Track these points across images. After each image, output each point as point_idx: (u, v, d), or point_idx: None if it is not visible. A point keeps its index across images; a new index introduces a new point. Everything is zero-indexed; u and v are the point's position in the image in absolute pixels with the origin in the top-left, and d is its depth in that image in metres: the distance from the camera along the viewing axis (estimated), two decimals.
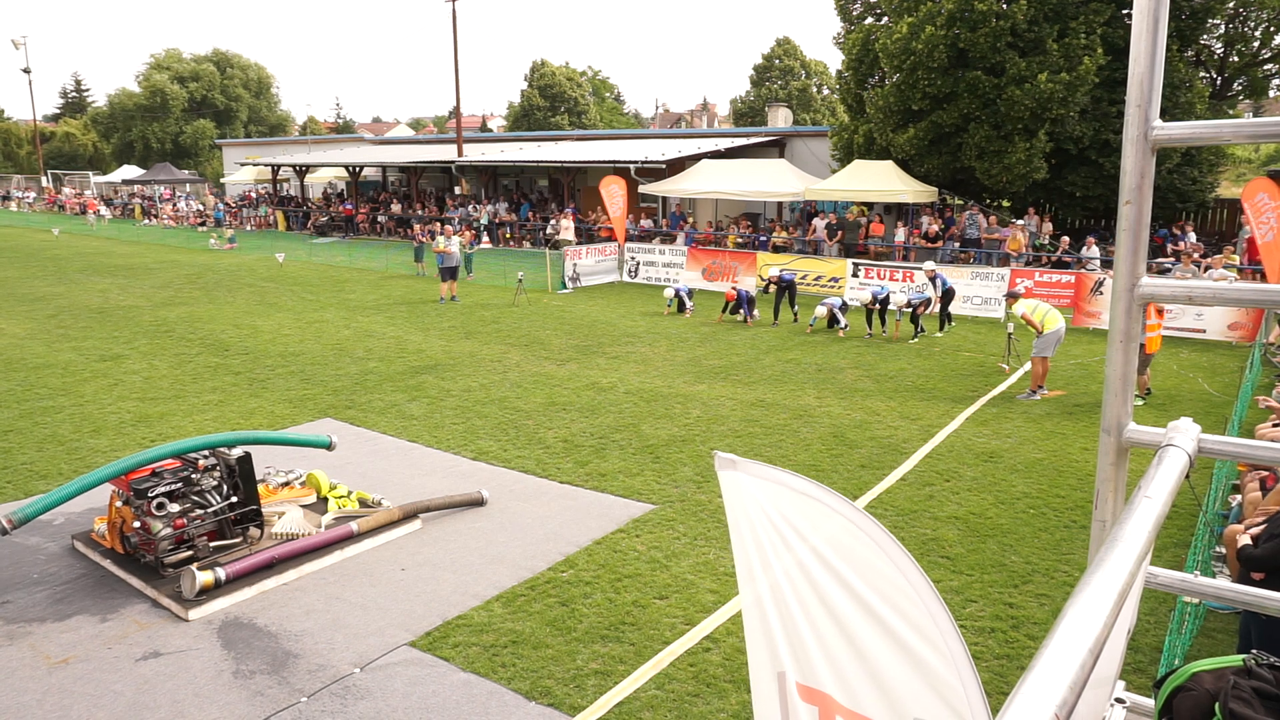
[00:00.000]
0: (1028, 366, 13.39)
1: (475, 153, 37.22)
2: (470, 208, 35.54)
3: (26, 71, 66.32)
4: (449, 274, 20.13)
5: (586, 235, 29.46)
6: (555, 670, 5.59)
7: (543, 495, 8.57)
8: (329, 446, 8.35)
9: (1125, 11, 22.49)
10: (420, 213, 36.45)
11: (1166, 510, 1.44)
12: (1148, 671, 5.37)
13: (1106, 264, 19.81)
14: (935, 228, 23.55)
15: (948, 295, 16.73)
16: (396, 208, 38.08)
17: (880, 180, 23.69)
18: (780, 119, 41.01)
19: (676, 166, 28.63)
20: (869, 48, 25.14)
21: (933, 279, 16.82)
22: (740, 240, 26.41)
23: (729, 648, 5.83)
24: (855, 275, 20.20)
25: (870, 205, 25.94)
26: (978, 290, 18.48)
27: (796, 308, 17.86)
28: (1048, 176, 23.06)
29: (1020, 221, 22.91)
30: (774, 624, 2.57)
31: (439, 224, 29.00)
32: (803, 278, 20.70)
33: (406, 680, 5.51)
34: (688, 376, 13.24)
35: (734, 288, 18.41)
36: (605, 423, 10.90)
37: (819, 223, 25.41)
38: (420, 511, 7.90)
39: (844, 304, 17.07)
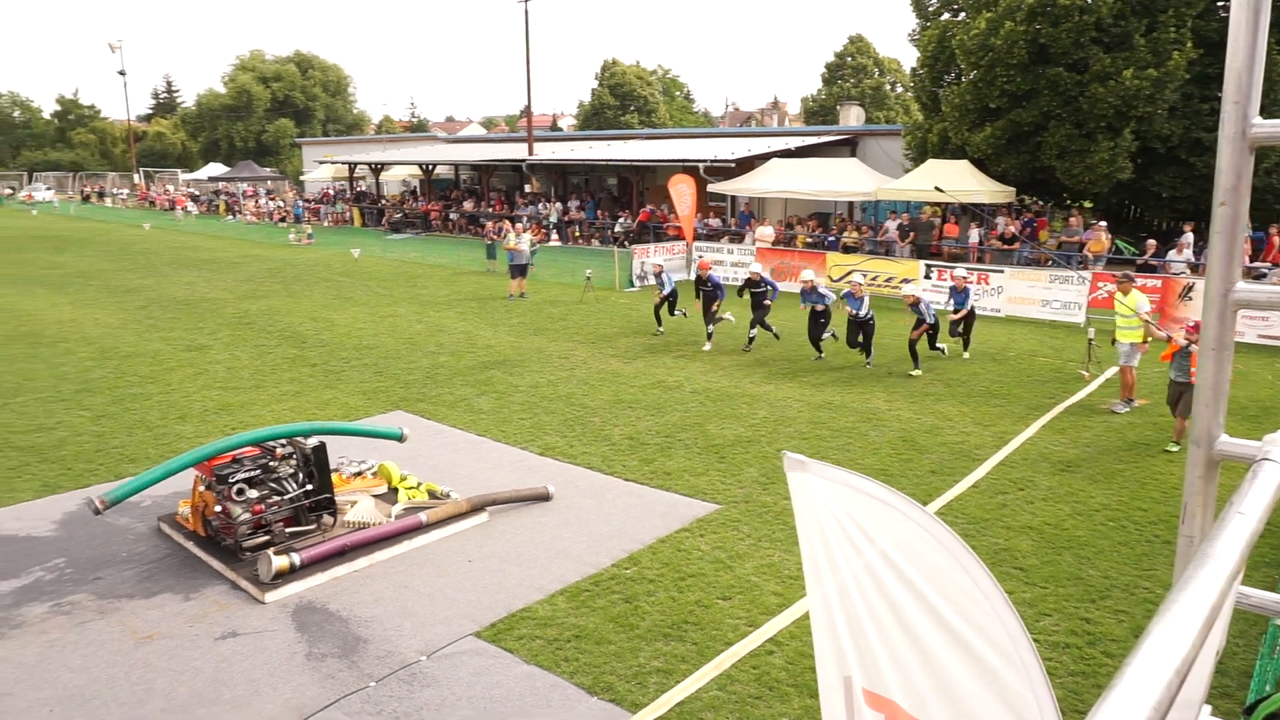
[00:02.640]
0: (1110, 373, 12.94)
1: (546, 151, 37.59)
2: (540, 205, 35.92)
3: (121, 74, 69.54)
4: (518, 271, 20.37)
5: (654, 234, 29.49)
6: (617, 666, 5.62)
7: (608, 492, 8.62)
8: (400, 438, 8.54)
9: (1220, 3, 21.50)
10: (491, 210, 36.99)
11: (1260, 528, 1.38)
12: (1236, 697, 5.14)
13: (1195, 268, 19.00)
14: (1012, 229, 22.91)
15: (969, 316, 14.31)
16: (468, 205, 38.72)
17: (955, 180, 23.16)
18: (852, 117, 40.38)
19: (746, 165, 28.44)
20: (945, 44, 24.57)
21: (961, 293, 14.17)
22: (809, 240, 26.12)
23: (792, 651, 5.78)
24: (928, 277, 19.79)
25: (944, 206, 25.39)
26: (1056, 294, 17.91)
27: (775, 330, 15.30)
28: (1133, 177, 22.20)
29: (1103, 224, 22.11)
30: (841, 627, 2.54)
31: (508, 221, 29.38)
32: (873, 279, 20.37)
33: (471, 670, 5.60)
34: (755, 377, 13.15)
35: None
36: (671, 421, 10.91)
37: (891, 224, 24.95)
38: (488, 504, 8.03)
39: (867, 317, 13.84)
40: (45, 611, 6.33)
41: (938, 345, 14.09)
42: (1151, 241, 21.13)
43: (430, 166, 41.49)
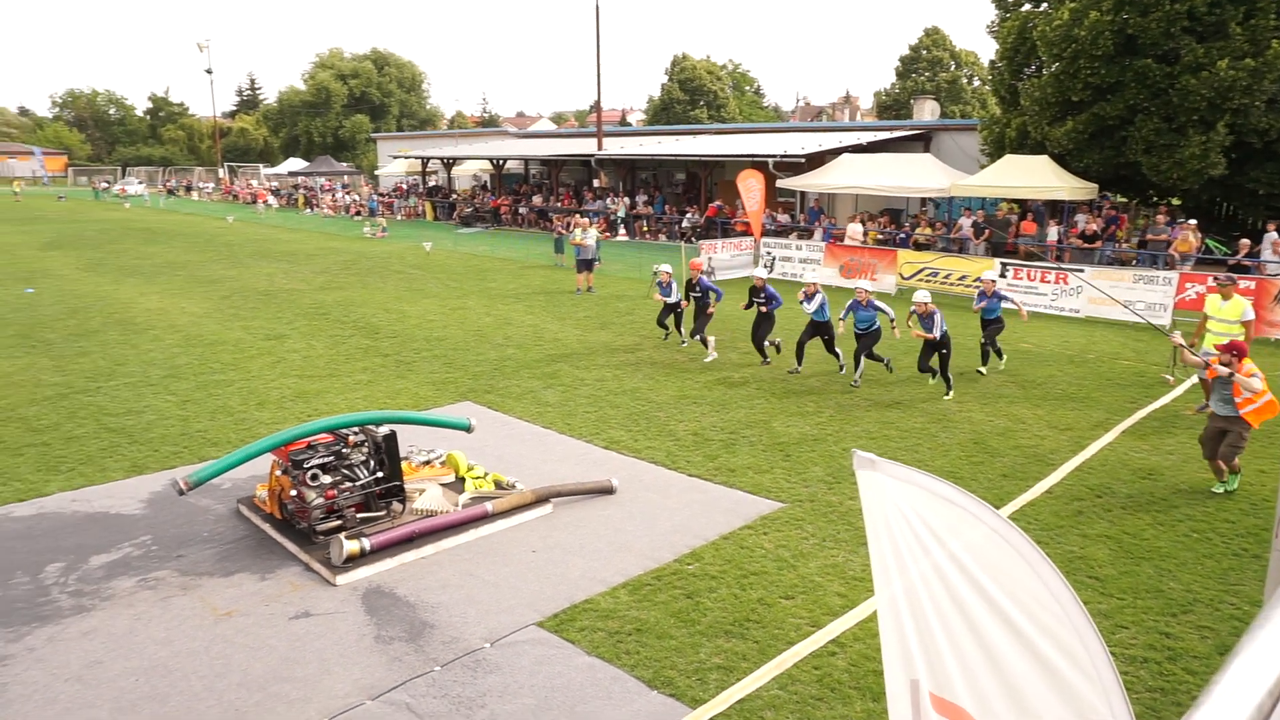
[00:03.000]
0: (1195, 379, 12.41)
1: (614, 146, 37.73)
2: (608, 200, 36.09)
3: (209, 72, 72.09)
4: (585, 265, 20.51)
5: (722, 229, 29.36)
6: (678, 661, 5.62)
7: (671, 487, 8.62)
8: (468, 429, 8.68)
9: None
10: (559, 205, 37.31)
11: None
12: None
13: None
14: (1094, 227, 22.13)
15: (994, 326, 12.85)
16: (537, 199, 39.12)
17: (1033, 176, 22.47)
18: (926, 112, 39.54)
19: (816, 161, 28.09)
20: (1025, 36, 23.84)
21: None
22: (880, 237, 25.67)
23: (856, 654, 5.70)
24: (1003, 275, 19.27)
25: (1021, 203, 24.66)
26: (1141, 295, 17.25)
27: (778, 340, 13.87)
28: (1226, 173, 21.22)
29: (1192, 222, 21.18)
30: (909, 629, 2.50)
31: (576, 216, 29.58)
32: (945, 277, 19.92)
33: (533, 659, 5.67)
34: (821, 376, 12.99)
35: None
36: (736, 418, 10.85)
37: (965, 221, 24.36)
38: (552, 496, 8.11)
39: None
40: (133, 586, 6.62)
41: (927, 368, 12.12)
42: (1245, 241, 20.18)
43: (500, 161, 42.03)
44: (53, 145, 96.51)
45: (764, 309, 13.46)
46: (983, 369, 13.09)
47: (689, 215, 32.50)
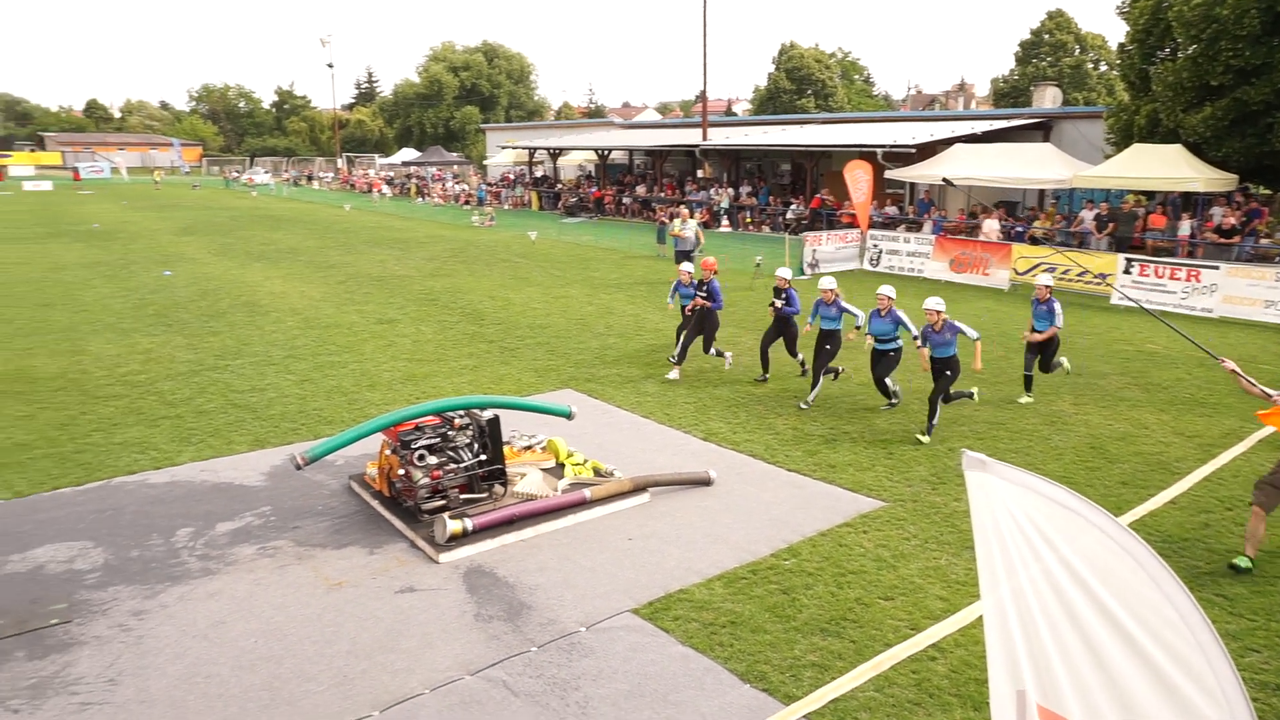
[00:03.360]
0: None
1: (719, 136, 37.51)
2: (712, 191, 35.93)
3: (330, 66, 75.32)
4: (683, 257, 20.46)
5: (827, 221, 28.84)
6: (772, 656, 5.58)
7: (769, 481, 8.55)
8: (569, 416, 8.82)
9: None
10: (663, 195, 37.37)
11: None
12: None
13: None
14: (1232, 221, 20.69)
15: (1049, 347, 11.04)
16: (641, 190, 39.30)
17: (1164, 166, 21.15)
18: (1047, 99, 37.78)
19: (927, 151, 27.22)
20: (1159, 17, 22.43)
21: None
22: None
23: (957, 660, 5.53)
24: (1128, 272, 18.26)
25: (1150, 195, 23.29)
26: None
27: (800, 356, 12.34)
28: None
29: None
30: (1016, 637, 2.41)
31: (683, 207, 29.58)
32: (1064, 273, 19.02)
33: (628, 645, 5.73)
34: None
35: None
36: (837, 413, 10.66)
37: (1087, 214, 23.18)
38: (650, 485, 8.16)
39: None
40: (254, 553, 7.02)
41: (952, 395, 10.30)
42: None
43: (605, 152, 42.38)
44: (189, 137, 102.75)
45: (778, 310, 11.95)
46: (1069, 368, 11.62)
47: (793, 206, 32.05)
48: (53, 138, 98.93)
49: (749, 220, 33.67)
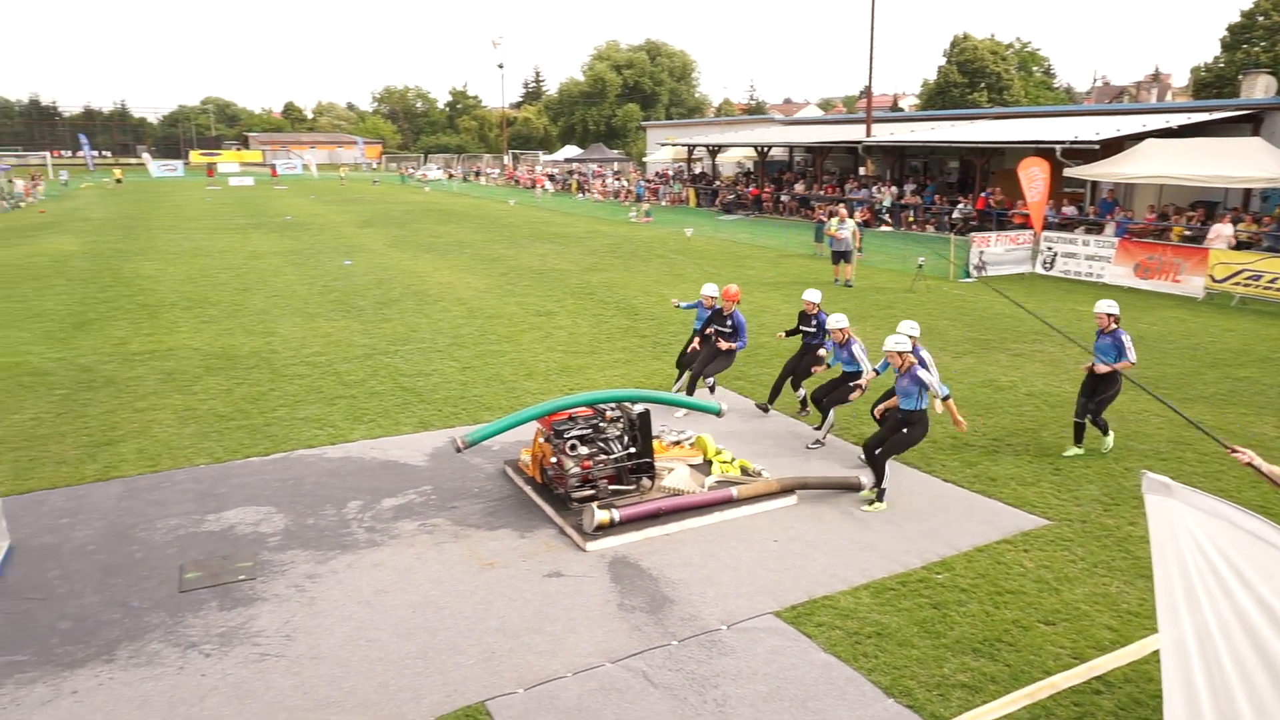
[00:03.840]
0: None
1: (883, 133, 36.37)
2: (873, 189, 34.90)
3: (500, 67, 78.41)
4: (840, 257, 19.98)
5: (997, 221, 27.39)
6: (919, 672, 5.37)
7: (923, 490, 8.22)
8: (719, 413, 8.81)
9: None
10: (822, 193, 36.63)
11: None
12: None
13: None
14: None
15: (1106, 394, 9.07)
16: (799, 187, 38.69)
17: None
18: (1259, 89, 34.30)
19: (1112, 147, 25.30)
20: None
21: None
22: (1187, 233, 22.69)
23: (1125, 697, 5.13)
24: None
25: None
26: None
27: (802, 392, 10.67)
28: None
29: None
30: (1198, 679, 2.20)
31: (839, 206, 28.91)
32: (1270, 281, 17.23)
33: (769, 648, 5.66)
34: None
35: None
36: (1000, 424, 10.13)
37: None
38: (798, 487, 8.03)
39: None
40: (415, 529, 7.43)
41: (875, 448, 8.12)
42: None
43: (764, 149, 41.98)
44: (371, 135, 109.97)
45: (809, 338, 10.41)
46: (1107, 440, 9.22)
47: (960, 205, 30.64)
48: (255, 137, 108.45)
49: (912, 220, 32.46)
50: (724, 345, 10.38)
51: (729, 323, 10.34)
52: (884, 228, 32.10)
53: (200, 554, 6.96)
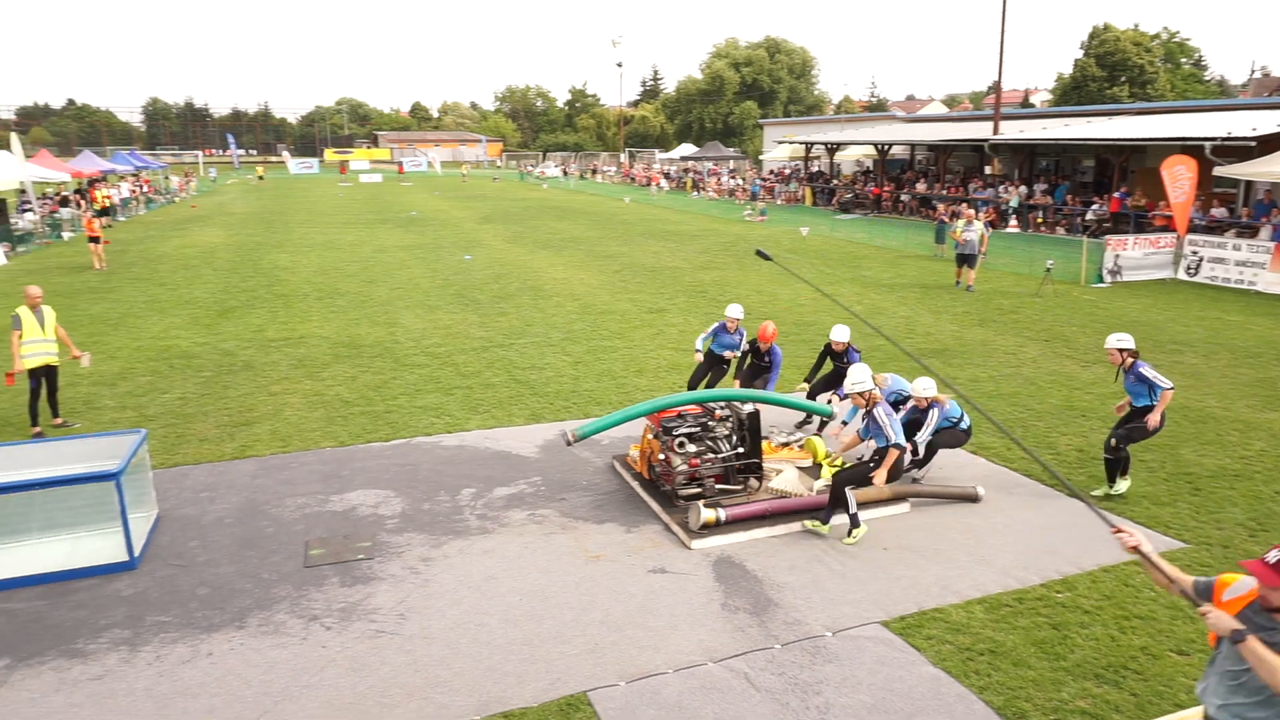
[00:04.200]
0: None
1: (1012, 130, 34.83)
2: (1000, 189, 33.50)
3: (619, 65, 79.17)
4: (965, 260, 19.22)
5: (1135, 223, 25.81)
6: (1035, 694, 5.13)
7: (1046, 504, 7.85)
8: (830, 416, 8.65)
9: None
10: (945, 193, 35.42)
11: None
12: None
13: None
14: None
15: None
16: (921, 186, 37.53)
17: None
18: None
19: (1271, 144, 23.43)
20: None
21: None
22: None
23: None
24: None
25: None
26: None
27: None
28: None
29: None
30: None
31: (963, 206, 27.86)
32: None
33: (874, 657, 5.53)
34: (1253, 400, 10.93)
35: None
36: None
37: None
38: (910, 496, 7.81)
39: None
40: (524, 519, 7.61)
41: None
42: None
43: (885, 147, 40.91)
44: (492, 134, 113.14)
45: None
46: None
47: (1095, 206, 29.04)
48: (384, 136, 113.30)
49: (1040, 221, 30.97)
50: (758, 385, 9.55)
51: (766, 358, 9.73)
52: (1009, 228, 30.76)
53: (324, 532, 7.33)
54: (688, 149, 72.79)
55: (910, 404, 8.26)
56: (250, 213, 39.41)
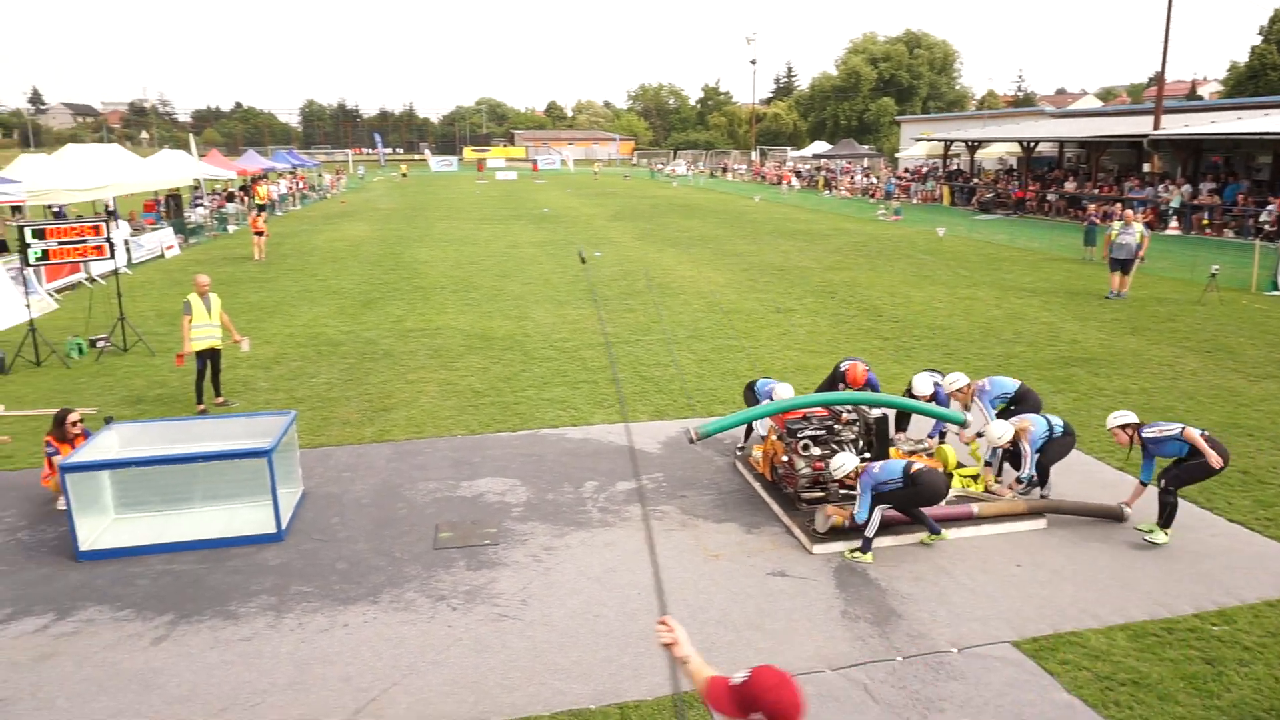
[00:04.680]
0: None
1: (1176, 124, 32.42)
2: (1159, 188, 31.26)
3: (753, 63, 78.62)
4: (1120, 265, 17.85)
5: None
6: None
7: (1202, 529, 7.28)
8: (963, 424, 8.30)
9: None
10: (1096, 193, 33.36)
11: None
12: None
13: None
14: None
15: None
16: (1069, 186, 35.49)
17: None
18: None
19: None
20: None
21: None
22: None
23: None
24: None
25: None
26: None
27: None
28: None
29: None
30: None
31: (1119, 206, 26.14)
32: None
33: (1003, 679, 5.27)
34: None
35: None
36: None
37: None
38: (1048, 511, 7.41)
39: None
40: (641, 515, 7.66)
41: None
42: None
43: (1030, 144, 38.90)
44: (625, 132, 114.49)
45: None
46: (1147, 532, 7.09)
47: (1270, 207, 26.67)
48: (520, 135, 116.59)
49: (1206, 223, 28.71)
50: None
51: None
52: (1170, 230, 28.66)
53: (453, 517, 7.62)
54: (820, 146, 71.40)
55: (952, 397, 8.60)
56: (394, 208, 41.38)
